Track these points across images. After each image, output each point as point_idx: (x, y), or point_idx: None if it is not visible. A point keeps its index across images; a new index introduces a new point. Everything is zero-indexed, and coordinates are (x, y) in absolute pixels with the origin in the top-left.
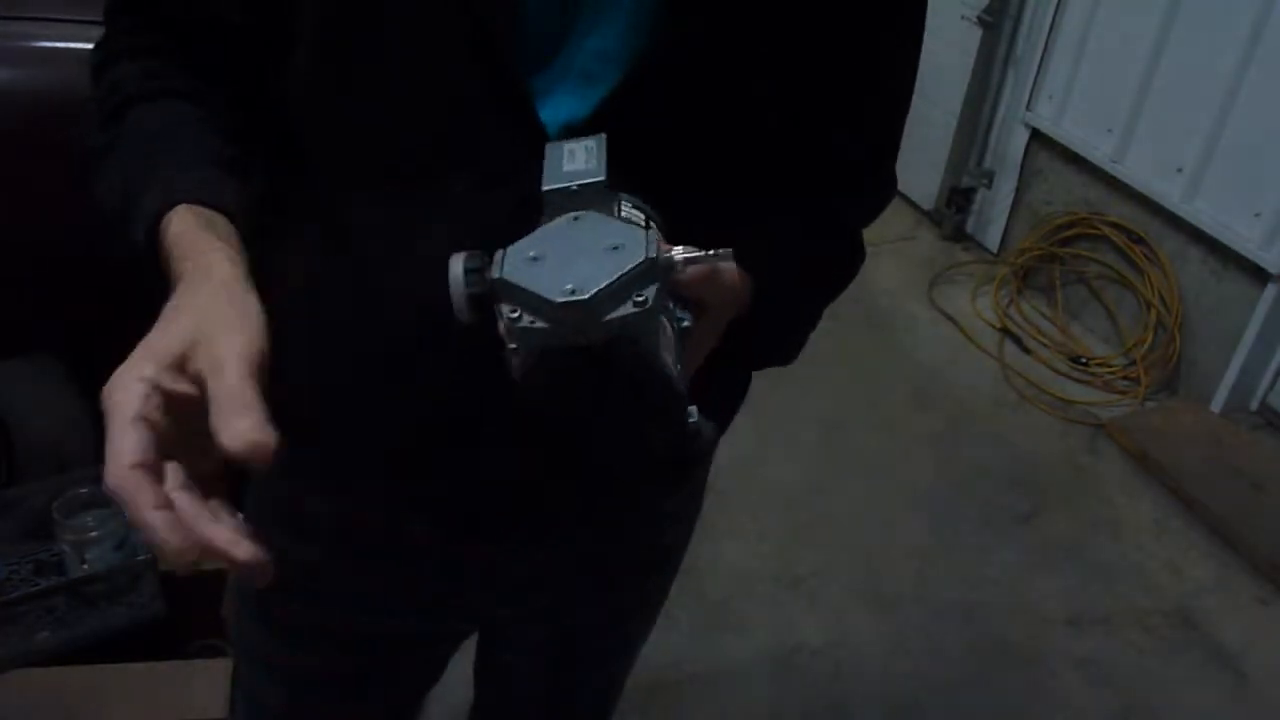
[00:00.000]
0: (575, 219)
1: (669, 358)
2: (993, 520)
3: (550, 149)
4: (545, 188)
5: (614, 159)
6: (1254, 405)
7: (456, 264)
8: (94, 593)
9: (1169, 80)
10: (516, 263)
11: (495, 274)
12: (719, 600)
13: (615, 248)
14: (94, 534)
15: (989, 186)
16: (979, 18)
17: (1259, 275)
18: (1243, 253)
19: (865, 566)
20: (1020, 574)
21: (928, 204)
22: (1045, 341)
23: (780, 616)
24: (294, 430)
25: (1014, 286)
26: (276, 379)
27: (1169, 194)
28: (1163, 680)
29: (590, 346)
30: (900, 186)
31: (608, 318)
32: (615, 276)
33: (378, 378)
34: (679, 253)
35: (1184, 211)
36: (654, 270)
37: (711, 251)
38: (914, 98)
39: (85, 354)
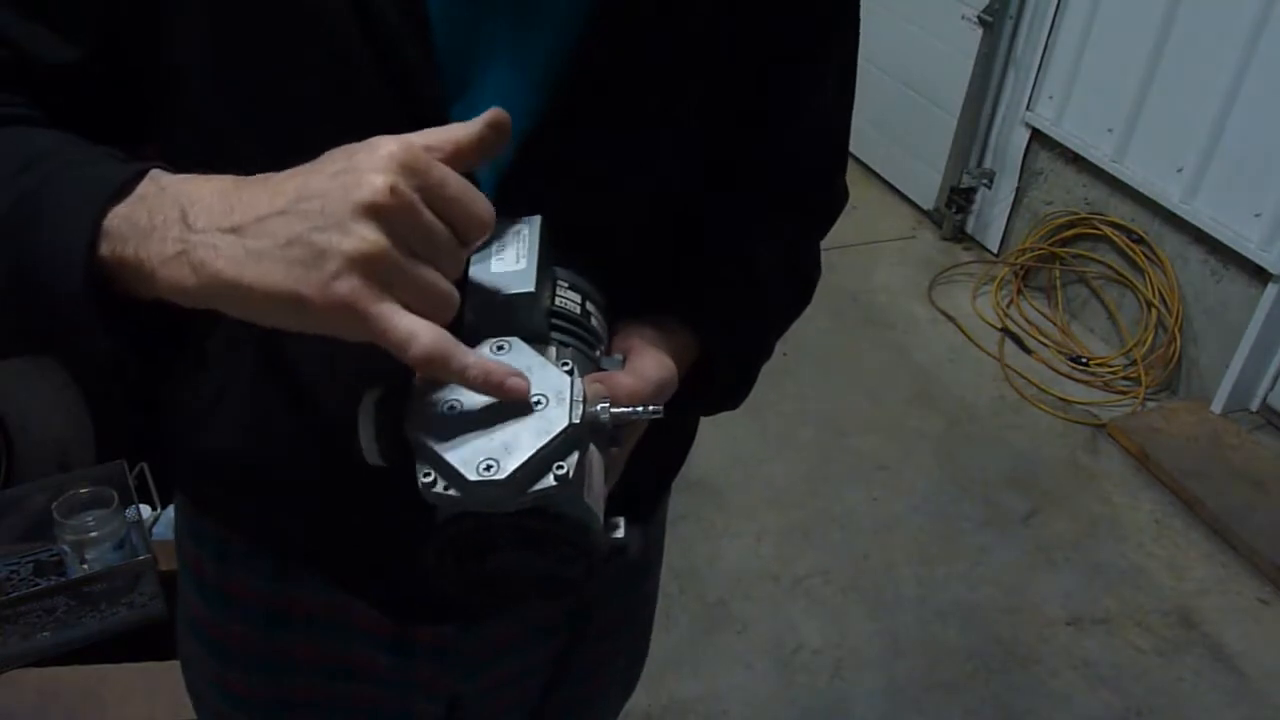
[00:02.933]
0: (499, 349)
1: (591, 499)
2: (993, 520)
3: None
4: (470, 295)
5: (545, 202)
6: (1254, 405)
7: (368, 405)
8: (94, 593)
9: (1169, 80)
10: (432, 415)
11: (409, 430)
12: (719, 600)
13: (538, 401)
14: (94, 534)
15: (989, 186)
16: (979, 18)
17: (1259, 275)
18: (1243, 253)
19: (865, 566)
20: (1020, 574)
21: (928, 204)
22: (1045, 341)
23: (780, 616)
24: (220, 513)
25: (1014, 286)
26: (202, 461)
27: (1169, 194)
28: (1163, 680)
29: (506, 514)
30: (900, 186)
31: (526, 491)
32: (534, 450)
33: (306, 461)
34: (603, 408)
35: (1184, 211)
36: (577, 437)
37: (642, 408)
38: (914, 97)
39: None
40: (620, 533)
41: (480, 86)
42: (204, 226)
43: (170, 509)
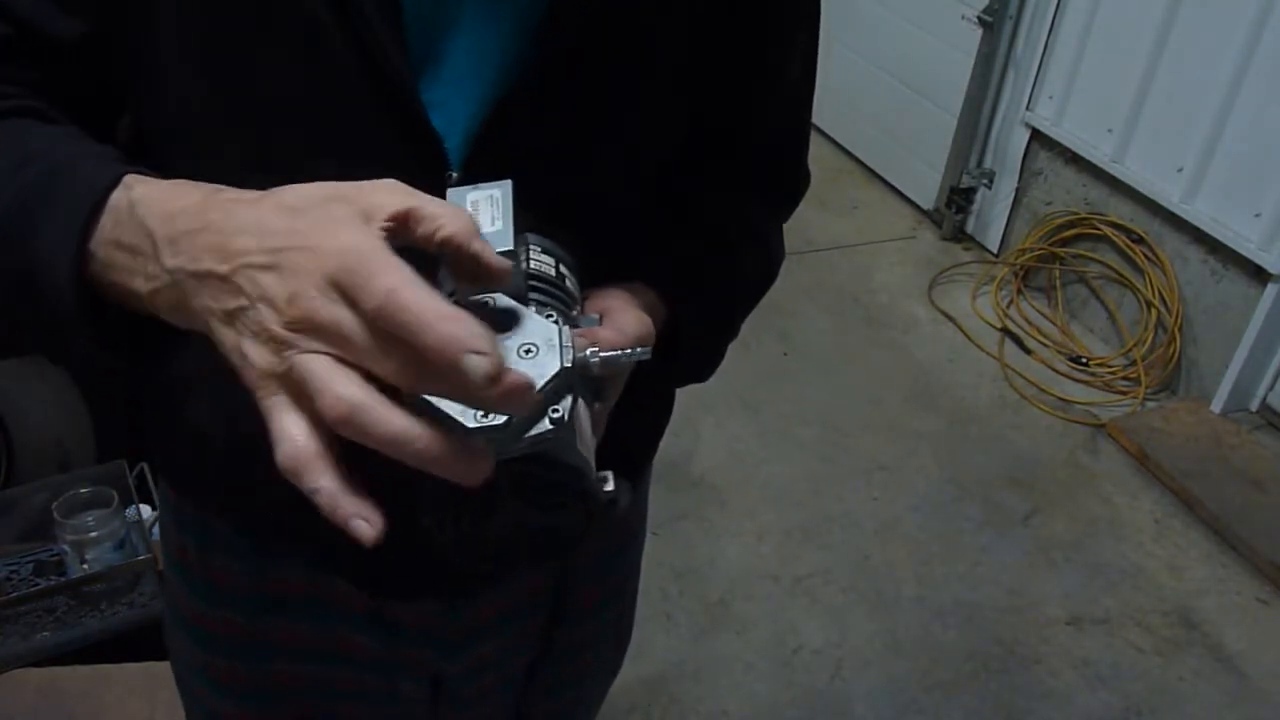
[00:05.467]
0: (485, 304)
1: (583, 448)
2: (993, 520)
3: (451, 196)
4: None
5: (515, 172)
6: (1254, 405)
7: None
8: (94, 593)
9: (1169, 80)
10: None
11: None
12: (719, 600)
13: (529, 350)
14: (94, 534)
15: (989, 186)
16: (979, 18)
17: (1259, 275)
18: (1243, 253)
19: (865, 566)
20: (1020, 574)
21: (928, 204)
22: (1045, 341)
23: (780, 616)
24: (200, 496)
25: (1014, 286)
26: (183, 447)
27: (1169, 194)
28: (1163, 680)
29: (504, 462)
30: (900, 186)
31: (523, 437)
32: None
33: None
34: (592, 353)
35: (1184, 211)
36: (569, 380)
37: (630, 350)
38: (914, 97)
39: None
40: (610, 486)
41: (448, 58)
42: (174, 266)
43: None
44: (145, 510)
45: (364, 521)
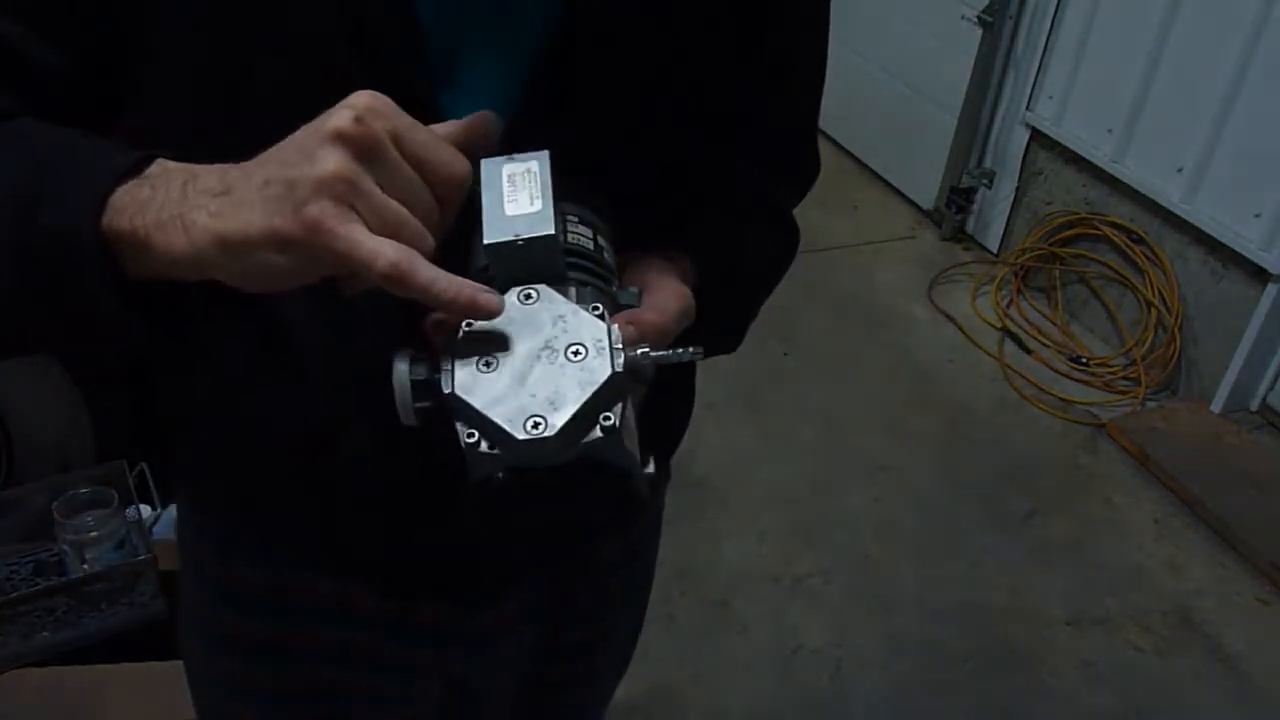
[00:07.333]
0: (528, 297)
1: (630, 444)
2: (993, 520)
3: (486, 168)
4: (487, 241)
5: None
6: (1254, 405)
7: (401, 368)
8: (94, 593)
9: (1169, 80)
10: (469, 373)
11: (447, 388)
12: (719, 600)
13: (576, 352)
14: (94, 534)
15: (989, 186)
16: (979, 18)
17: (1259, 275)
18: (1243, 253)
19: (865, 566)
20: (1020, 574)
21: (928, 204)
22: (1045, 341)
23: (780, 616)
24: (223, 504)
25: (1014, 286)
26: (204, 453)
27: (1169, 194)
28: (1163, 680)
29: (553, 466)
30: (900, 186)
31: (574, 445)
32: (581, 403)
33: (307, 448)
34: (643, 353)
35: (1184, 211)
36: (620, 385)
37: (682, 350)
38: (914, 97)
39: (85, 354)
40: (650, 468)
41: (465, 79)
42: (198, 194)
43: (171, 509)
44: (145, 510)
45: (488, 294)
